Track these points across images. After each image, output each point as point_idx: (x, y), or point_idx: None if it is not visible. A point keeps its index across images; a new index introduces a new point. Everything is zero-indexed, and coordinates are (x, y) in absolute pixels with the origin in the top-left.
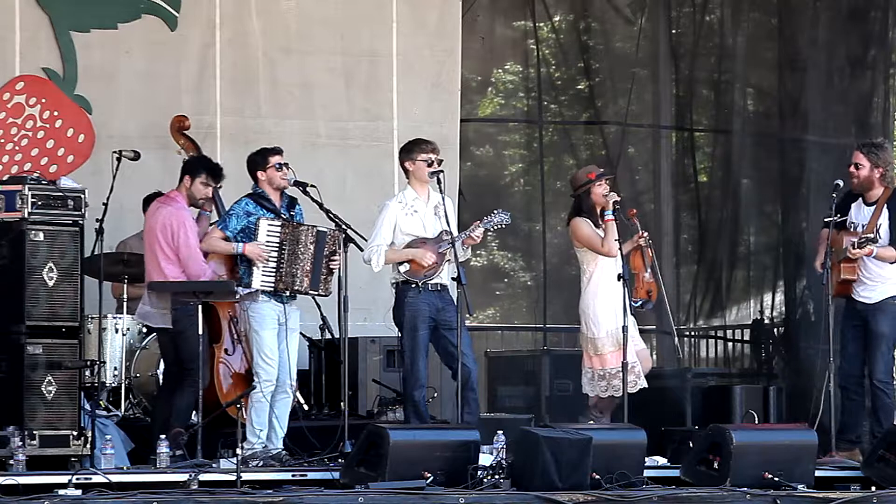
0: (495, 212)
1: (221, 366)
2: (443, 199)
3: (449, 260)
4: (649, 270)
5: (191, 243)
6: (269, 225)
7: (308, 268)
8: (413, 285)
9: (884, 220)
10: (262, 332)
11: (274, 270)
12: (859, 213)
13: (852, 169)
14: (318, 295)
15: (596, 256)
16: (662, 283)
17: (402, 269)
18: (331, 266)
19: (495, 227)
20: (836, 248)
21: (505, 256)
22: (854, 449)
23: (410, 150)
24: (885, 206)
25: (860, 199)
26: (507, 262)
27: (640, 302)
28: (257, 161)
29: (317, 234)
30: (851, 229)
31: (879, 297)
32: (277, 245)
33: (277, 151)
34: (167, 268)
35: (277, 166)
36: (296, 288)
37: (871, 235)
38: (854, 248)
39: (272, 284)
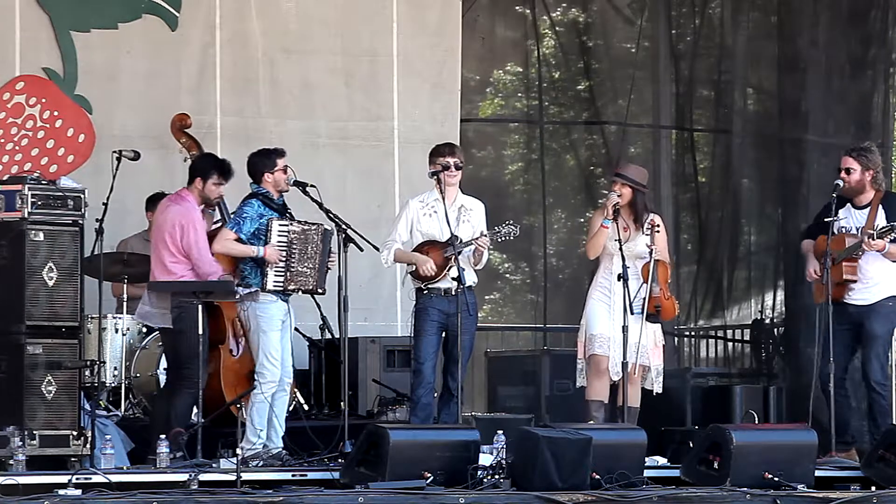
0: (506, 223)
1: (228, 367)
2: (442, 201)
3: (453, 266)
4: (656, 285)
5: (201, 244)
6: (280, 225)
7: (316, 266)
8: (419, 288)
9: (881, 220)
10: (270, 332)
11: (284, 270)
12: (850, 217)
13: (843, 174)
14: (318, 293)
15: (599, 250)
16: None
17: (408, 269)
18: (328, 265)
19: (502, 238)
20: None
21: (505, 256)
22: (850, 449)
23: (432, 153)
24: (881, 207)
25: (848, 203)
26: (508, 261)
27: (644, 313)
28: (264, 163)
29: (324, 233)
30: (844, 233)
31: (875, 297)
32: (287, 245)
33: (282, 153)
34: (173, 266)
35: (283, 169)
36: (308, 287)
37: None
38: (872, 240)
39: (282, 284)
